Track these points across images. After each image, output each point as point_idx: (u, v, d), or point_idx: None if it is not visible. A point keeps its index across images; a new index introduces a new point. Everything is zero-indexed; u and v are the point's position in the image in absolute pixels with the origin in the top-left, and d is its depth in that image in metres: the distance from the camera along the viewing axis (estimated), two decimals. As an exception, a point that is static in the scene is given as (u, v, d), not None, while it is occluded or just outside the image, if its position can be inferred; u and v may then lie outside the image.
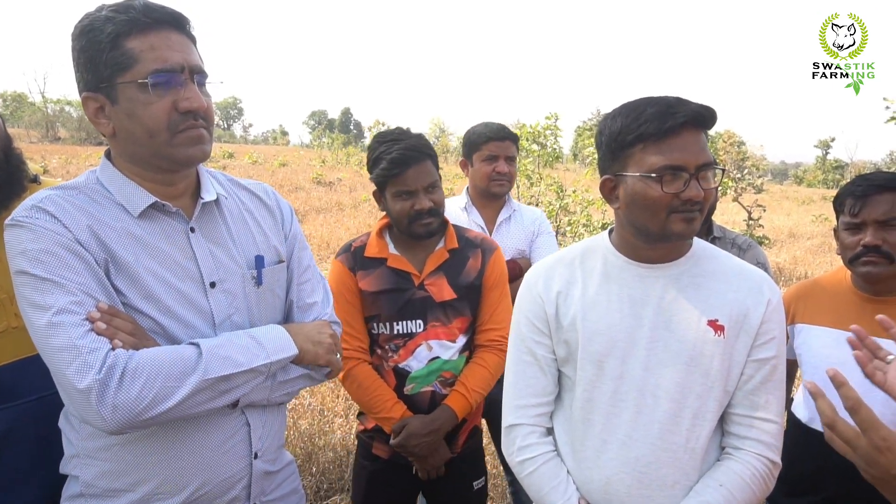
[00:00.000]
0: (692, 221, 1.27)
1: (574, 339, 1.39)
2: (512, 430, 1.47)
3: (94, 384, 1.04)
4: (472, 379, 1.94)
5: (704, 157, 1.25)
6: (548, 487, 1.39)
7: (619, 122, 1.29)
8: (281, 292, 1.43)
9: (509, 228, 2.65)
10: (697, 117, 1.24)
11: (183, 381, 1.11)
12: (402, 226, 1.91)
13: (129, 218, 1.22)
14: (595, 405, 1.37)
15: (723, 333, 1.31)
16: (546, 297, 1.44)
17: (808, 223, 16.14)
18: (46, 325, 1.07)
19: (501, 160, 2.56)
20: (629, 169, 1.29)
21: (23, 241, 1.11)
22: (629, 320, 1.35)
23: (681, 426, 1.31)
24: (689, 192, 1.23)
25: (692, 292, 1.35)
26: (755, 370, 1.34)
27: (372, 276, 1.93)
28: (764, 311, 1.33)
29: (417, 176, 1.86)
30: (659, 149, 1.24)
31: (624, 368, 1.34)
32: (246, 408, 1.31)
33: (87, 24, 1.16)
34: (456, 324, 1.94)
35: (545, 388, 1.46)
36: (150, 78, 1.14)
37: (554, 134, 9.98)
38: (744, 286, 1.36)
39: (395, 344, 1.92)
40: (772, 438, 1.33)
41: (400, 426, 1.86)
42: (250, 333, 1.26)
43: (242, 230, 1.38)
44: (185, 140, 1.19)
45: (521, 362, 1.48)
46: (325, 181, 18.01)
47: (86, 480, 1.24)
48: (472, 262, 2.00)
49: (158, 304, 1.20)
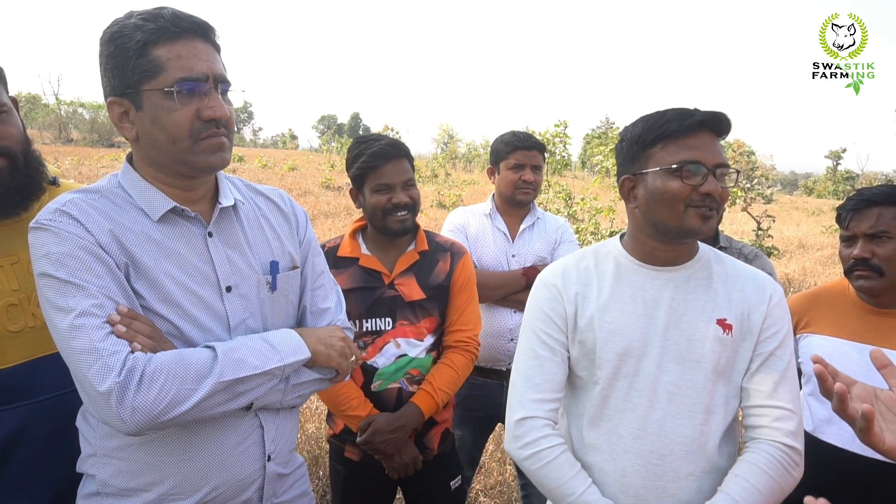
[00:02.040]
0: (708, 219, 1.34)
1: (591, 339, 1.44)
2: (524, 423, 1.45)
3: (114, 387, 1.06)
4: (439, 378, 1.97)
5: (721, 158, 1.34)
6: (567, 477, 1.40)
7: (640, 126, 1.40)
8: (294, 297, 1.45)
9: (532, 236, 2.67)
10: (714, 119, 1.34)
11: (199, 383, 1.13)
12: (377, 220, 1.97)
13: (149, 222, 1.24)
14: (610, 401, 1.43)
15: (730, 332, 1.39)
16: (566, 296, 1.49)
17: (818, 234, 16.04)
18: (68, 327, 1.09)
19: (528, 169, 2.60)
20: (649, 166, 1.37)
21: (46, 244, 1.14)
22: (643, 320, 1.42)
23: (692, 420, 1.37)
24: (707, 186, 1.31)
25: (701, 293, 1.42)
26: (760, 361, 1.40)
27: (344, 274, 1.97)
28: (766, 307, 1.41)
29: (395, 171, 1.94)
30: (679, 146, 1.34)
31: (638, 367, 1.41)
32: (259, 410, 1.33)
33: (117, 31, 1.18)
34: (424, 323, 1.99)
35: (561, 382, 1.50)
36: (176, 86, 1.17)
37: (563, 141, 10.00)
38: (749, 286, 1.44)
39: (363, 341, 1.96)
40: (785, 424, 1.35)
41: (366, 423, 1.89)
42: (264, 337, 1.28)
43: (258, 235, 1.40)
44: (206, 147, 1.22)
45: (538, 357, 1.49)
46: (334, 185, 18.07)
47: (102, 479, 1.26)
48: (442, 264, 2.05)
49: (176, 308, 1.23)
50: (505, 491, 3.37)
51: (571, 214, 8.89)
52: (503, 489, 3.38)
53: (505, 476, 3.48)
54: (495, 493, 3.35)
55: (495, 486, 3.40)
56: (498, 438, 3.75)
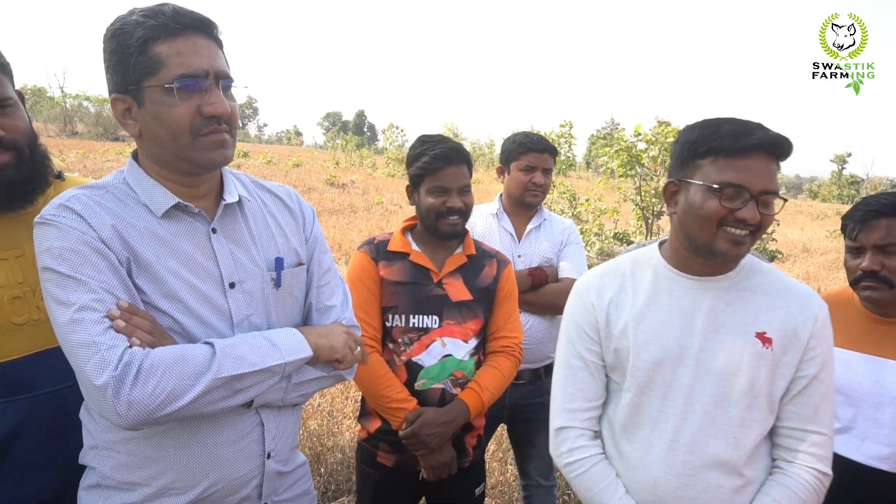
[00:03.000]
0: (739, 245, 1.30)
1: (625, 347, 1.44)
2: (562, 433, 1.51)
3: (110, 381, 1.06)
4: (486, 379, 1.97)
5: (770, 185, 1.28)
6: (599, 488, 1.43)
7: (696, 133, 1.34)
8: (300, 295, 1.44)
9: (538, 237, 2.66)
10: (772, 144, 1.28)
11: (196, 379, 1.13)
12: (429, 221, 1.98)
13: (153, 218, 1.24)
14: (643, 411, 1.43)
15: (771, 346, 1.36)
16: (598, 305, 1.49)
17: (823, 238, 16.02)
18: (68, 321, 1.10)
19: (538, 171, 2.59)
20: (695, 178, 1.33)
21: (49, 239, 1.14)
22: (679, 331, 1.40)
23: (727, 433, 1.35)
24: (744, 213, 1.27)
25: (741, 305, 1.39)
26: (803, 384, 1.37)
27: (394, 266, 1.98)
28: (812, 327, 1.37)
29: (454, 176, 1.95)
30: (727, 165, 1.28)
31: (673, 377, 1.39)
32: (260, 408, 1.33)
33: (118, 28, 1.18)
34: (470, 324, 1.98)
35: (595, 392, 1.51)
36: (176, 82, 1.16)
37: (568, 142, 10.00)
38: (793, 301, 1.39)
39: (409, 337, 1.95)
40: (822, 450, 1.36)
41: (415, 415, 1.88)
42: (265, 334, 1.27)
43: (264, 232, 1.39)
44: (207, 144, 1.21)
45: (571, 367, 1.52)
46: (339, 183, 18.10)
47: (102, 472, 1.26)
48: (488, 269, 2.06)
49: (178, 304, 1.22)
50: (506, 491, 3.36)
51: (576, 215, 8.88)
52: (504, 489, 3.37)
53: (506, 476, 3.47)
54: (496, 493, 3.35)
55: (496, 485, 3.40)
56: (499, 439, 3.75)
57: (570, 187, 10.56)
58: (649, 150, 9.27)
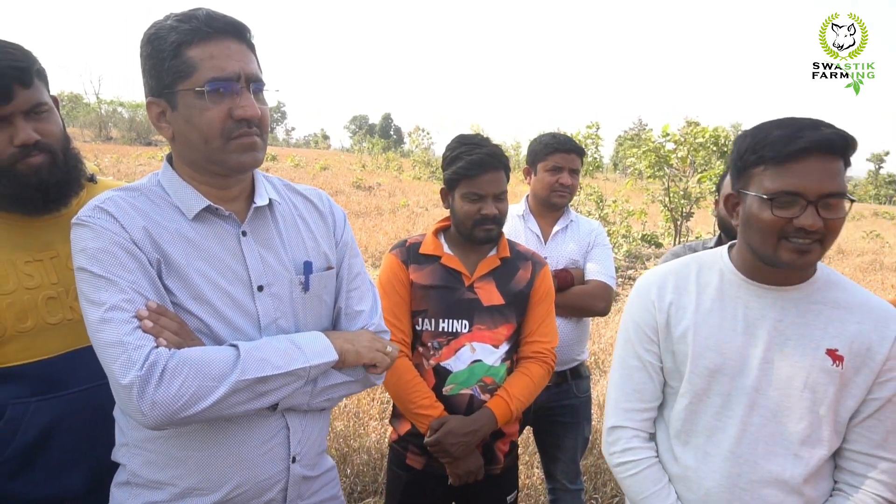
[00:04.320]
0: (805, 253, 1.24)
1: (684, 351, 1.41)
2: (615, 432, 1.50)
3: (135, 380, 1.08)
4: (515, 387, 1.94)
5: (831, 186, 1.20)
6: (650, 492, 1.42)
7: (747, 141, 1.29)
8: (329, 299, 1.44)
9: (565, 238, 2.64)
10: (825, 143, 1.19)
11: (220, 381, 1.14)
12: (464, 227, 1.96)
13: (184, 220, 1.26)
14: (699, 418, 1.40)
15: (841, 364, 1.29)
16: (659, 305, 1.45)
17: (859, 239, 15.61)
18: (98, 320, 1.12)
19: (565, 172, 2.58)
20: (750, 188, 1.28)
21: (84, 239, 1.18)
22: (742, 339, 1.35)
23: (786, 450, 1.31)
24: (802, 220, 1.20)
25: (812, 318, 1.33)
26: (875, 407, 1.30)
27: (424, 270, 1.97)
28: (890, 348, 1.29)
29: (491, 182, 1.92)
30: (778, 172, 1.22)
31: (733, 386, 1.35)
32: (286, 411, 1.33)
33: (154, 33, 1.21)
34: (501, 330, 1.95)
35: (652, 393, 1.49)
36: (207, 86, 1.18)
37: (595, 143, 9.92)
38: (868, 319, 1.32)
39: (438, 342, 1.93)
40: (890, 478, 1.30)
41: (439, 423, 1.86)
42: (290, 338, 1.28)
43: (294, 235, 1.40)
44: (237, 147, 1.23)
45: (629, 366, 1.50)
46: (365, 186, 18.22)
47: (132, 469, 1.29)
48: (522, 272, 2.03)
49: (206, 305, 1.24)
50: (532, 495, 3.34)
51: (603, 217, 8.81)
52: (530, 492, 3.35)
53: (532, 479, 3.45)
54: (522, 497, 3.32)
55: (522, 488, 3.37)
56: (525, 442, 3.73)
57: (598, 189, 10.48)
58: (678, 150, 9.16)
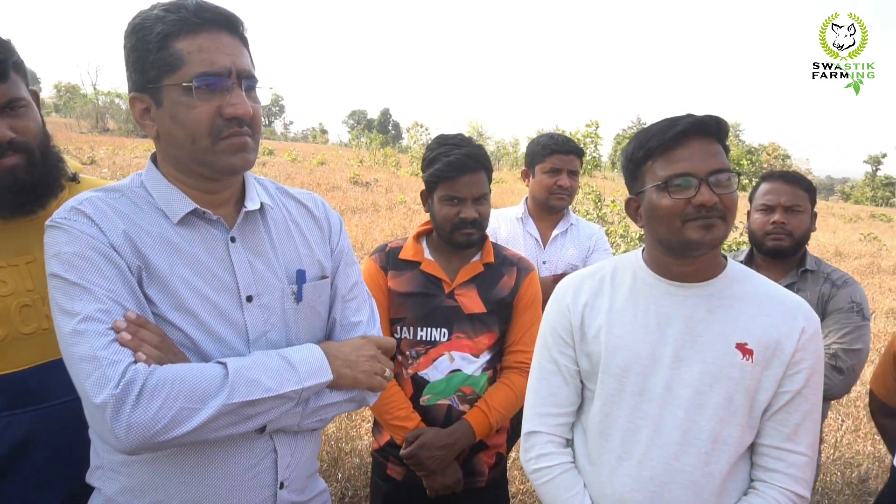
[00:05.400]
0: (711, 228, 1.26)
1: (597, 351, 1.40)
2: (531, 437, 1.49)
3: (109, 400, 0.99)
4: (495, 398, 1.88)
5: (715, 164, 1.27)
6: (563, 498, 1.40)
7: (632, 144, 1.36)
8: (323, 310, 1.36)
9: (564, 242, 2.59)
10: (699, 125, 1.28)
11: (204, 403, 1.05)
12: (443, 231, 1.89)
13: (168, 224, 1.18)
14: (613, 420, 1.38)
15: (751, 358, 1.29)
16: (573, 308, 1.46)
17: (856, 242, 15.57)
18: (71, 332, 1.04)
19: (564, 174, 2.53)
20: (646, 184, 1.33)
21: (58, 243, 1.09)
22: (653, 336, 1.35)
23: (699, 448, 1.30)
24: (699, 198, 1.25)
25: (722, 313, 1.33)
26: (784, 400, 1.30)
27: (403, 277, 1.91)
28: (797, 340, 1.30)
29: (470, 184, 1.84)
30: (666, 160, 1.29)
31: (645, 385, 1.34)
32: (274, 433, 1.24)
33: (139, 23, 1.13)
34: (482, 339, 1.90)
35: (567, 397, 1.48)
36: (195, 81, 1.10)
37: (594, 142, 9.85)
38: (776, 311, 1.33)
39: (416, 351, 1.88)
40: (800, 472, 1.30)
41: (414, 435, 1.82)
42: (283, 354, 1.19)
43: (286, 242, 1.32)
44: (227, 147, 1.15)
45: (544, 370, 1.50)
46: (362, 181, 18.09)
47: (108, 495, 1.21)
48: (507, 279, 1.96)
49: (190, 316, 1.16)
50: (527, 501, 3.29)
51: (601, 216, 8.76)
52: (525, 498, 3.31)
53: (527, 485, 3.40)
54: (517, 503, 3.28)
55: (517, 494, 3.33)
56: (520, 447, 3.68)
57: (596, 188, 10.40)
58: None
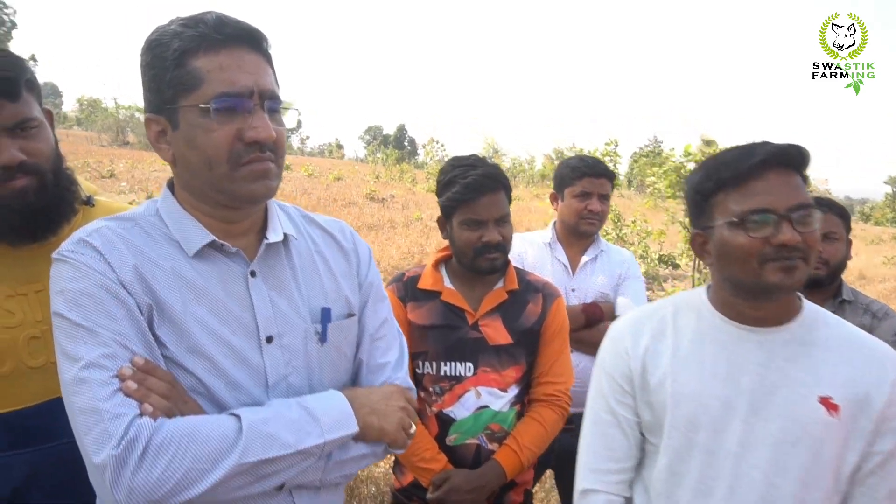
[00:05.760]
0: (792, 271, 1.14)
1: (661, 401, 1.27)
2: (587, 496, 1.36)
3: (109, 460, 0.90)
4: (526, 435, 1.77)
5: (797, 198, 1.15)
6: None
7: (700, 173, 1.26)
8: (349, 350, 1.25)
9: (594, 269, 2.48)
10: (781, 155, 1.16)
11: (216, 463, 0.94)
12: (465, 258, 1.78)
13: (183, 257, 1.08)
14: (682, 480, 1.24)
15: (837, 414, 1.16)
16: (633, 353, 1.33)
17: (879, 265, 15.26)
18: (73, 379, 0.95)
19: (595, 198, 2.41)
20: (715, 219, 1.21)
21: (63, 279, 1.01)
22: (724, 386, 1.22)
23: None
24: (780, 237, 1.13)
25: (803, 362, 1.20)
26: (877, 461, 1.17)
27: (423, 308, 1.81)
28: (889, 393, 1.16)
29: (490, 205, 1.74)
30: (741, 193, 1.17)
31: (717, 442, 1.20)
32: (294, 489, 1.11)
33: (155, 39, 1.05)
34: (509, 372, 1.79)
35: (626, 452, 1.34)
36: (214, 102, 1.01)
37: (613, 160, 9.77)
38: (859, 359, 1.19)
39: (440, 387, 1.78)
40: None
41: (441, 479, 1.71)
42: (304, 404, 1.08)
43: (311, 276, 1.21)
44: (247, 174, 1.05)
45: (601, 422, 1.37)
46: (379, 197, 18.08)
47: None
48: (532, 306, 1.85)
49: (204, 360, 1.06)
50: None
51: (621, 237, 8.64)
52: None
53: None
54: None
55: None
56: (542, 481, 3.54)
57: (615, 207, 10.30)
58: (699, 171, 8.98)
